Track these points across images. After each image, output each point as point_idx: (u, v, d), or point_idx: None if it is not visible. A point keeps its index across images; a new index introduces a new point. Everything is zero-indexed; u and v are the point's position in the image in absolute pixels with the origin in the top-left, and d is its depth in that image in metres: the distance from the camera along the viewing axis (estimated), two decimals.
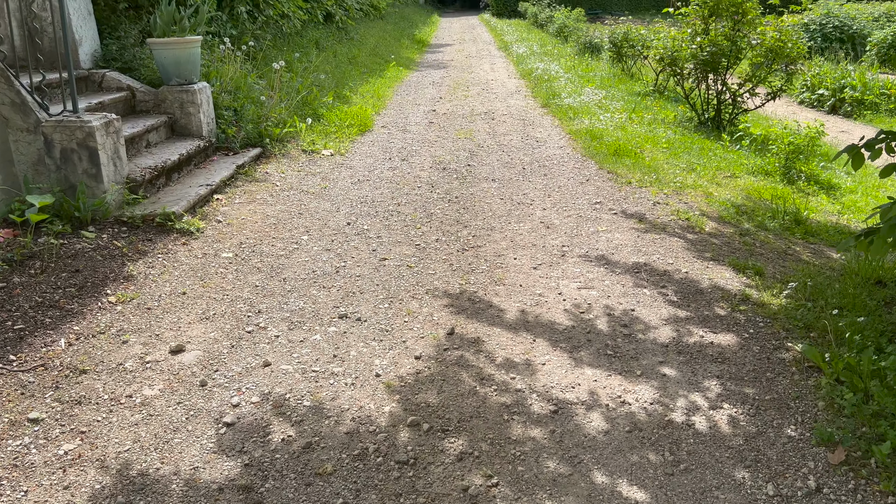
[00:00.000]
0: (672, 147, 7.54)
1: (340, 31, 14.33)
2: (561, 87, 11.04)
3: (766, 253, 4.60)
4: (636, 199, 5.62)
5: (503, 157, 7.08)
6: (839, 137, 10.64)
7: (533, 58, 15.61)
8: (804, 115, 12.48)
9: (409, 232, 4.86)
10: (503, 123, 8.93)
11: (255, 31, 9.08)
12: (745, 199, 5.93)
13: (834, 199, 6.57)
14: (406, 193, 5.80)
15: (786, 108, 12.51)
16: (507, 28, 25.81)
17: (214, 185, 5.47)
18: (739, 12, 8.68)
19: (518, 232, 4.86)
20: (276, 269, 4.17)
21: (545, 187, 5.96)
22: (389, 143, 7.75)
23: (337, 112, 8.57)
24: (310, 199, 5.57)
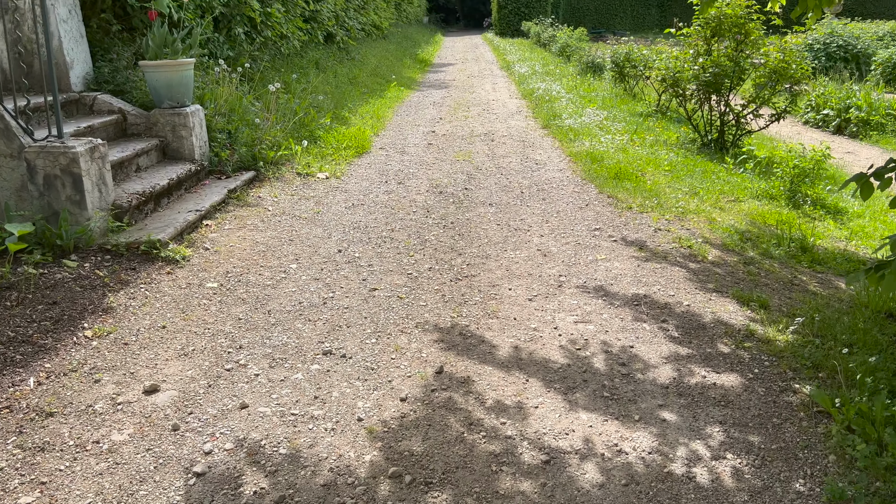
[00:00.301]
0: (674, 170, 7.40)
1: (341, 52, 14.29)
2: (562, 108, 10.93)
3: (771, 283, 4.44)
4: (636, 225, 5.46)
5: (501, 181, 6.94)
6: (845, 159, 10.48)
7: (535, 77, 15.55)
8: (809, 135, 12.34)
9: (402, 260, 4.71)
10: (503, 145, 8.81)
11: (253, 53, 9.01)
12: (749, 225, 5.77)
13: (841, 223, 6.40)
14: (401, 218, 5.66)
15: (790, 128, 12.37)
16: (510, 47, 25.82)
17: (204, 210, 5.34)
18: (742, 33, 8.57)
19: (514, 260, 4.70)
20: (261, 301, 4.02)
21: (543, 212, 5.82)
22: (386, 165, 7.63)
23: (334, 134, 8.46)
24: (301, 224, 5.43)
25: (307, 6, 11.20)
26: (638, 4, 46.51)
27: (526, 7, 34.96)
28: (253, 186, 6.27)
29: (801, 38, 8.57)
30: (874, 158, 10.64)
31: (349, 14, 14.86)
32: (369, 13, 17.63)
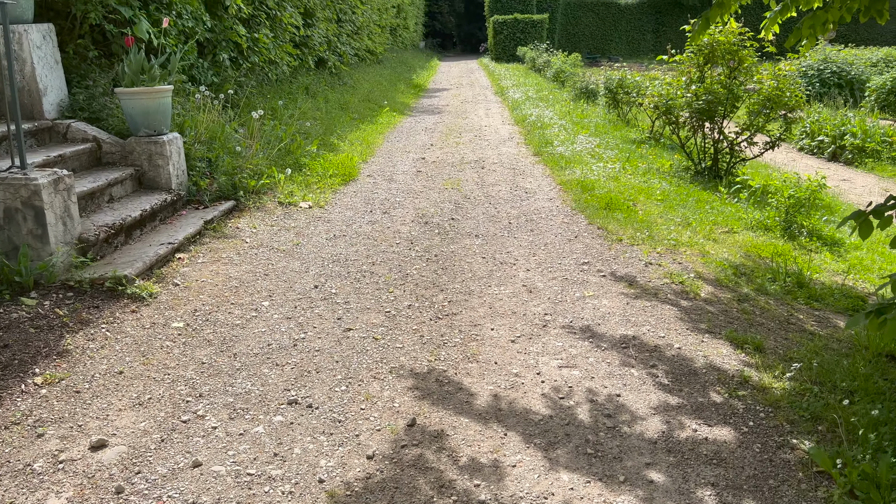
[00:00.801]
0: (667, 199, 7.22)
1: (333, 77, 14.19)
2: (554, 135, 10.79)
3: (766, 322, 4.23)
4: (627, 258, 5.26)
5: (489, 210, 6.76)
6: (841, 186, 10.34)
7: (528, 103, 15.46)
8: (804, 162, 12.22)
9: (381, 296, 4.50)
10: (493, 172, 8.64)
11: (239, 79, 8.86)
12: (743, 258, 5.58)
13: (838, 255, 6.21)
14: (383, 251, 5.45)
15: (785, 154, 12.25)
16: (505, 72, 25.84)
17: (177, 243, 5.13)
18: (735, 59, 8.46)
19: (498, 297, 4.49)
20: (228, 342, 3.79)
21: (531, 244, 5.62)
22: (373, 193, 7.45)
23: (321, 161, 8.29)
24: (279, 257, 5.22)
25: (297, 32, 11.10)
26: (633, 30, 46.88)
27: (522, 33, 35.13)
28: (232, 217, 6.07)
29: (795, 64, 8.46)
30: (870, 186, 10.50)
31: (342, 39, 14.80)
32: (363, 38, 17.60)
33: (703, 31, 5.18)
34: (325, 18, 13.18)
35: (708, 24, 5.11)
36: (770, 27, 5.70)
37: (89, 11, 6.10)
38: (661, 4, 46.29)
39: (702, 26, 5.13)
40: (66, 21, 6.29)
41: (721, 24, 8.44)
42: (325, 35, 13.30)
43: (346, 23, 15.23)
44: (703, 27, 5.13)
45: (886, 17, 4.86)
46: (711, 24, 5.11)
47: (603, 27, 46.50)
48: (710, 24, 5.14)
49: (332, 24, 13.79)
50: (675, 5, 45.70)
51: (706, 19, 5.11)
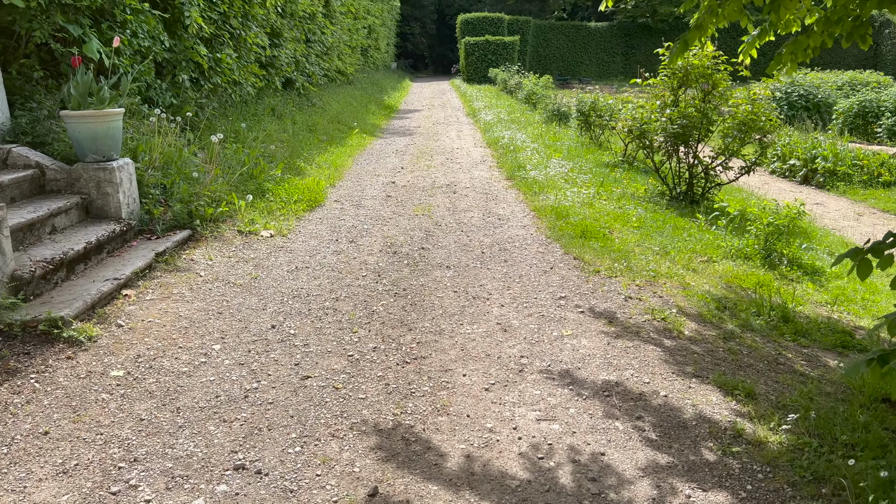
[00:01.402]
0: (643, 226, 7.01)
1: (301, 98, 13.87)
2: (527, 158, 10.58)
3: (754, 363, 3.98)
4: (605, 292, 5.00)
5: (461, 238, 6.47)
6: (815, 210, 10.26)
7: (500, 125, 15.29)
8: (776, 185, 12.17)
9: (343, 337, 4.16)
10: (465, 198, 8.38)
11: (200, 100, 8.51)
12: (725, 290, 5.36)
13: (819, 285, 6.03)
14: (348, 284, 5.12)
15: (758, 178, 12.19)
16: (477, 94, 25.76)
17: (124, 278, 4.75)
18: (710, 83, 8.34)
19: (470, 337, 4.19)
20: (172, 394, 3.43)
21: (505, 277, 5.33)
22: (339, 220, 7.12)
23: (286, 186, 7.95)
24: (235, 293, 4.86)
25: (263, 52, 10.79)
26: (603, 53, 47.39)
27: (493, 54, 35.22)
28: (186, 247, 5.70)
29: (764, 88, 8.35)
30: (843, 210, 10.44)
31: (310, 60, 14.51)
32: (333, 59, 17.33)
33: (681, 53, 4.98)
34: (292, 39, 12.89)
35: (686, 46, 4.91)
36: (748, 51, 5.53)
37: (35, 29, 5.73)
38: (630, 28, 46.90)
39: (679, 49, 4.93)
40: (9, 39, 5.91)
41: (699, 47, 8.33)
42: (293, 55, 13.00)
43: (316, 43, 14.96)
44: (681, 50, 4.93)
45: (869, 41, 4.71)
46: (690, 46, 4.92)
47: (573, 49, 46.93)
48: (689, 47, 4.95)
49: (300, 45, 13.51)
50: (644, 29, 46.34)
51: (684, 42, 4.91)
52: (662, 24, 45.25)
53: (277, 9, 11.38)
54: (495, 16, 39.65)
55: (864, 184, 11.63)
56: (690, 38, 4.85)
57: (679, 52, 4.94)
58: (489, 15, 39.69)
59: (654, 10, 44.56)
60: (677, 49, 4.93)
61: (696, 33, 4.83)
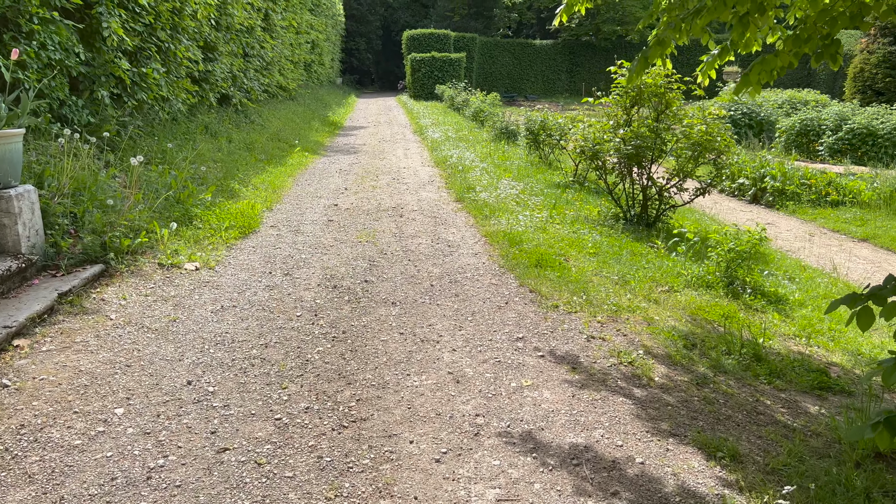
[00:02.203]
0: (599, 252, 6.65)
1: (239, 115, 13.21)
2: (476, 179, 10.18)
3: (733, 414, 3.59)
4: (565, 331, 4.57)
5: (409, 269, 5.97)
6: (768, 231, 10.13)
7: (448, 143, 14.90)
8: (726, 204, 12.07)
9: (271, 395, 3.61)
10: (412, 221, 7.89)
11: (122, 118, 7.82)
12: (690, 324, 5.00)
13: (785, 315, 5.74)
14: (280, 327, 4.56)
15: (708, 197, 12.02)
16: (424, 111, 25.39)
17: (16, 325, 4.09)
18: (663, 102, 8.09)
19: (419, 391, 3.68)
20: (57, 476, 2.82)
21: (456, 314, 4.85)
22: (275, 249, 6.54)
23: (216, 211, 7.32)
24: (149, 340, 4.25)
25: (196, 66, 10.13)
26: (548, 70, 47.79)
27: (440, 71, 35.01)
28: (97, 285, 5.05)
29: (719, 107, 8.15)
30: (794, 229, 10.35)
31: (248, 75, 13.86)
32: (273, 74, 16.69)
33: (643, 70, 4.62)
34: (229, 53, 12.25)
35: (647, 63, 4.55)
36: (707, 71, 5.22)
37: None
38: (574, 46, 47.45)
39: (640, 66, 4.56)
40: None
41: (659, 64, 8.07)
42: (230, 70, 12.35)
43: (254, 58, 14.33)
44: (641, 66, 4.57)
45: (840, 61, 4.42)
46: (651, 63, 4.56)
47: (519, 67, 47.19)
48: (650, 64, 4.59)
49: (237, 59, 12.86)
50: (588, 47, 46.96)
51: (645, 59, 4.55)
52: (606, 43, 45.92)
53: (211, 21, 10.75)
54: (441, 32, 39.52)
55: (813, 203, 11.61)
56: (652, 54, 4.49)
57: (640, 69, 4.58)
58: (435, 31, 39.53)
59: (598, 28, 45.23)
60: (638, 66, 4.56)
61: (659, 49, 4.47)
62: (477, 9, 50.05)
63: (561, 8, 5.23)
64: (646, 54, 4.51)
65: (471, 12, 50.02)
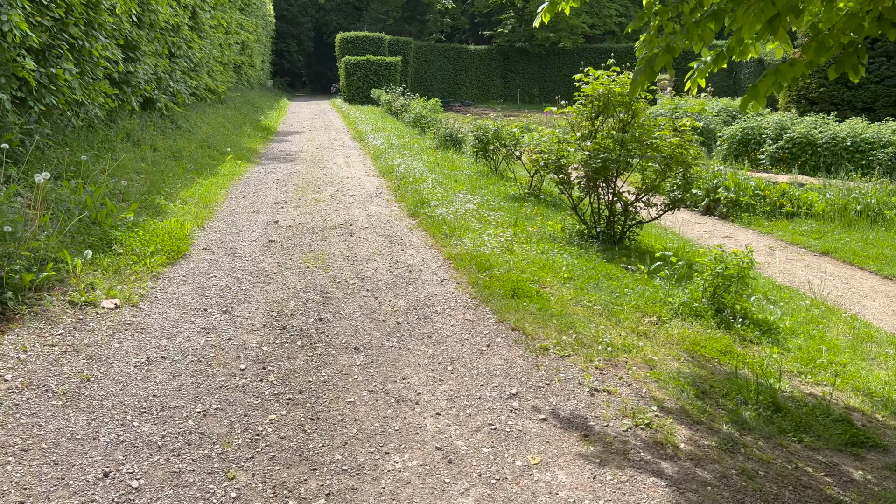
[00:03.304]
0: (575, 277, 6.07)
1: (164, 120, 12.11)
2: (429, 192, 9.48)
3: (780, 492, 3.01)
4: (563, 382, 3.93)
5: (368, 302, 5.22)
6: (726, 244, 9.82)
7: (392, 151, 14.16)
8: (680, 216, 11.74)
9: (214, 490, 2.81)
10: (364, 241, 7.13)
11: (27, 126, 6.77)
12: (691, 364, 4.45)
13: (780, 346, 5.27)
14: (221, 386, 3.75)
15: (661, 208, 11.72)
16: (361, 115, 24.53)
17: None
18: (630, 113, 7.60)
19: (403, 477, 2.96)
20: None
21: (433, 362, 4.14)
22: (210, 278, 5.68)
23: (140, 233, 6.38)
24: (54, 410, 3.37)
25: (115, 67, 9.07)
26: (482, 76, 47.56)
27: (375, 74, 34.17)
28: None
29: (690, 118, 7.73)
30: (754, 243, 10.07)
31: (175, 77, 12.76)
32: (202, 76, 15.56)
33: (647, 81, 4.03)
34: (152, 53, 11.16)
35: (653, 73, 3.97)
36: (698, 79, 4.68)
37: None
38: (508, 52, 47.39)
39: (645, 75, 3.97)
40: None
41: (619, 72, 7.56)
42: (154, 72, 11.27)
43: (181, 58, 13.22)
44: (646, 76, 3.98)
45: (862, 72, 3.94)
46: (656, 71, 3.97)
47: (454, 72, 46.78)
48: (655, 73, 4.00)
49: (162, 60, 11.77)
50: (522, 53, 46.99)
51: (650, 68, 3.97)
52: (540, 49, 46.04)
53: (132, 17, 9.70)
54: (376, 35, 38.70)
55: (768, 215, 11.42)
56: (659, 62, 3.91)
57: (645, 79, 3.99)
58: (370, 34, 38.68)
59: (532, 34, 45.26)
60: (643, 75, 3.97)
61: (666, 57, 3.89)
62: (411, 12, 49.39)
63: (544, 6, 4.60)
64: (651, 62, 3.93)
65: (405, 16, 49.33)
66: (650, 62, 3.91)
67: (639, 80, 3.99)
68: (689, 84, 4.85)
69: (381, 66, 34.25)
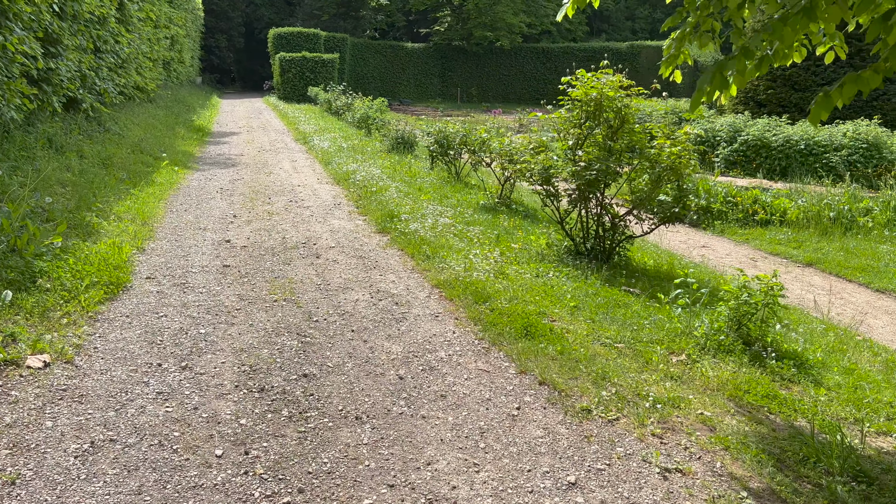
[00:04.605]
0: (581, 306, 5.40)
1: (91, 122, 10.85)
2: (395, 202, 8.65)
3: None
4: (624, 460, 3.21)
5: (358, 348, 4.39)
6: (705, 254, 9.40)
7: (342, 155, 13.24)
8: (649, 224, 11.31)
9: None
10: (335, 265, 6.27)
11: None
12: (748, 419, 3.83)
13: (820, 384, 4.72)
14: (193, 485, 2.87)
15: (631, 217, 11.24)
16: (300, 115, 23.38)
17: None
18: (619, 119, 6.99)
19: None
20: None
21: (458, 435, 3.35)
22: (160, 318, 4.73)
23: (71, 261, 5.35)
24: None
25: (34, 63, 7.88)
26: (420, 74, 46.78)
27: (311, 72, 32.94)
28: None
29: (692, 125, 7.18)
30: (733, 253, 9.70)
31: (101, 74, 11.48)
32: (130, 73, 14.22)
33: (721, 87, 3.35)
34: (76, 47, 9.92)
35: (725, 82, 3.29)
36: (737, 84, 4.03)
37: None
38: (446, 50, 46.75)
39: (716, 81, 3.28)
40: None
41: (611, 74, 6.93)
42: (78, 68, 10.03)
43: (108, 53, 11.93)
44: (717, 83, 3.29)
45: None
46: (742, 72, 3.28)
47: (391, 70, 45.82)
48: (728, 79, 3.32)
49: (87, 55, 10.52)
50: (460, 51, 46.42)
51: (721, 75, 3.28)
52: (477, 48, 45.58)
53: (53, 7, 8.50)
54: (311, 31, 37.39)
55: (741, 222, 11.09)
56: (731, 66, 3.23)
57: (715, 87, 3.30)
58: (304, 30, 37.34)
59: (470, 33, 44.74)
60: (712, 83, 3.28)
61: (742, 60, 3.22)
62: (346, 8, 48.09)
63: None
64: (722, 68, 3.25)
65: (339, 12, 47.98)
66: (721, 67, 3.23)
67: (705, 88, 3.30)
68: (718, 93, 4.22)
69: (317, 63, 33.04)
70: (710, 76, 3.26)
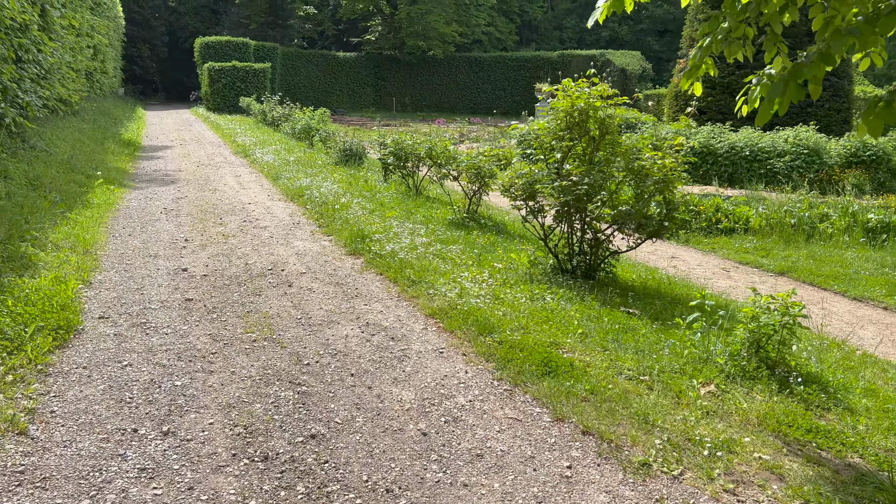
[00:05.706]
0: (587, 333, 5.00)
1: (14, 139, 9.85)
2: (362, 220, 8.09)
3: None
4: None
5: (364, 397, 3.85)
6: (678, 266, 9.20)
7: (289, 169, 12.55)
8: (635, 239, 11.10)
9: None
10: (310, 294, 5.69)
11: None
12: (803, 461, 3.50)
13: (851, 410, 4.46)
14: None
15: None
16: (233, 126, 22.41)
17: None
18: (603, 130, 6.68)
19: None
20: None
21: None
22: (123, 369, 4.07)
23: (10, 302, 4.60)
24: None
25: None
26: (353, 84, 46.07)
27: (242, 82, 31.85)
28: None
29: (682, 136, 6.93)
30: (703, 263, 9.53)
31: (24, 85, 10.46)
32: (54, 84, 13.13)
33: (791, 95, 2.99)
34: None
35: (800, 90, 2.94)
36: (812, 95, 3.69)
37: None
38: (378, 59, 46.22)
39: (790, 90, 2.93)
40: None
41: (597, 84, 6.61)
42: None
43: (30, 63, 10.90)
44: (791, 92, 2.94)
45: None
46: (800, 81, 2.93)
47: (324, 79, 44.93)
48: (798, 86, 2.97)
49: (8, 65, 9.53)
50: (392, 61, 45.95)
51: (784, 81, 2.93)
52: (410, 58, 45.21)
53: None
54: (240, 41, 36.19)
55: (705, 231, 10.99)
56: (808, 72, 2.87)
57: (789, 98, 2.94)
58: (233, 39, 36.11)
59: (402, 42, 44.33)
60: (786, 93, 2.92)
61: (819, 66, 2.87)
62: (274, 17, 46.91)
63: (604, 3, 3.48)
64: (797, 74, 2.89)
65: (268, 21, 46.75)
66: (795, 75, 2.87)
67: (775, 99, 2.94)
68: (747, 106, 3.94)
69: (248, 73, 31.97)
70: (781, 86, 2.90)
